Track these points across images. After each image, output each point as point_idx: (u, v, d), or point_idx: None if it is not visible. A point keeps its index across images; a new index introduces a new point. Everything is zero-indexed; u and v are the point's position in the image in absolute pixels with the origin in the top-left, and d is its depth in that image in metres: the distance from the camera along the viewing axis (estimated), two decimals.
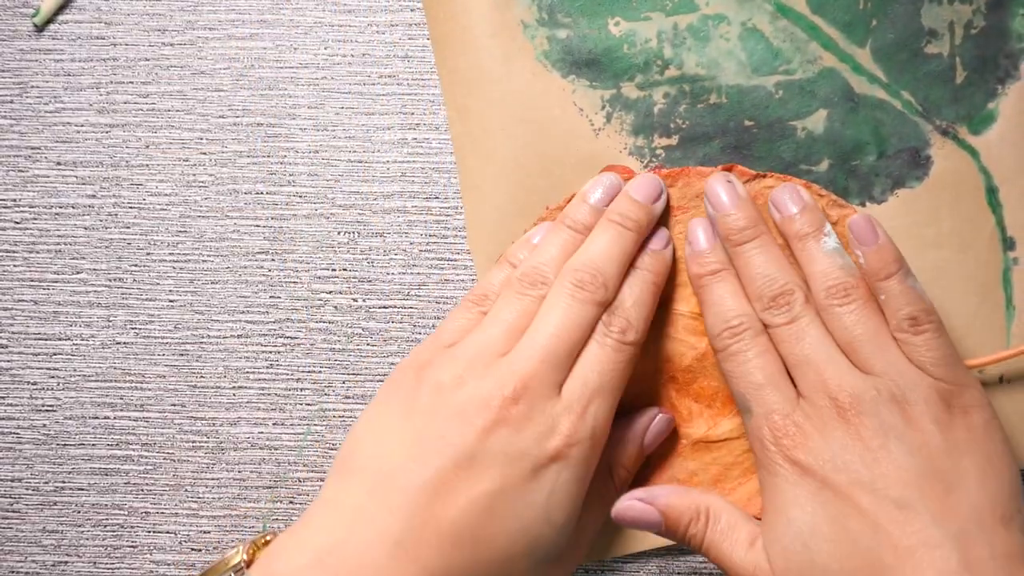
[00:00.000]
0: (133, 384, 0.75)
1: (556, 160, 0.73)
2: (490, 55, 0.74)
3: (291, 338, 0.74)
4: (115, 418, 0.75)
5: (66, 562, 0.75)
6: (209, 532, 0.74)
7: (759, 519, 0.69)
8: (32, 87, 0.75)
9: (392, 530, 0.62)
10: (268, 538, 0.67)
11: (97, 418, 0.75)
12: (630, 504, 0.68)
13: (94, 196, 0.75)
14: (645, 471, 0.73)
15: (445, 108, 0.74)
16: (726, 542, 0.66)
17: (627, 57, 0.73)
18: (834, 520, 0.63)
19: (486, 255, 0.73)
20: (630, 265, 0.69)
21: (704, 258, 0.71)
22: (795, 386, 0.67)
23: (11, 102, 0.75)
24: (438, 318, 0.74)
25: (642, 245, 0.70)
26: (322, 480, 0.74)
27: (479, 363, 0.66)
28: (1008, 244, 0.72)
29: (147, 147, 0.75)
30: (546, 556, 0.65)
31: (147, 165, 0.75)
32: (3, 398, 0.75)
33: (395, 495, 0.62)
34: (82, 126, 0.75)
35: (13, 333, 0.75)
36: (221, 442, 0.74)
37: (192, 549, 0.73)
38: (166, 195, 0.75)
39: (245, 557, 0.66)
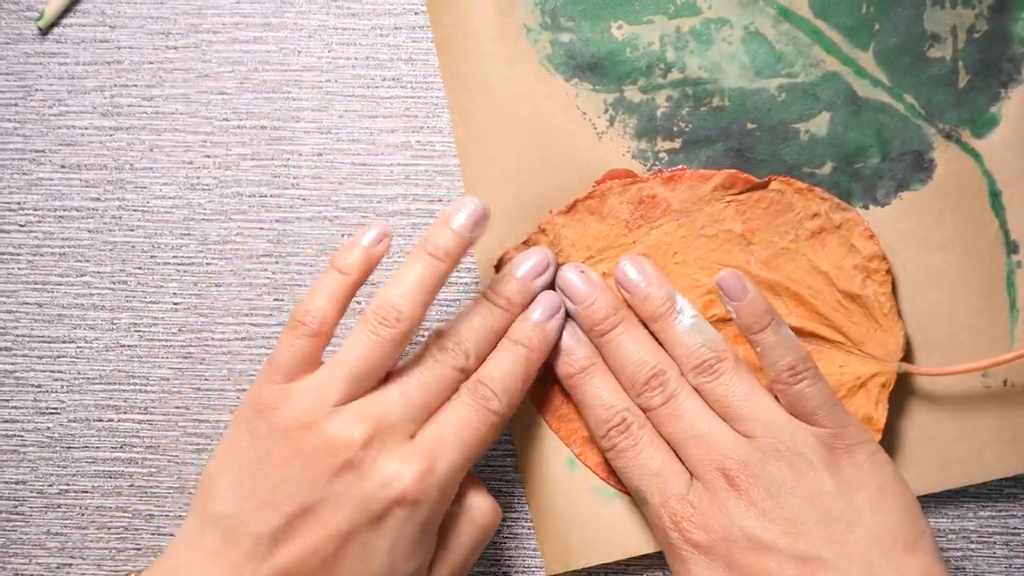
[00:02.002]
0: (137, 387, 0.75)
1: (559, 164, 0.73)
2: (493, 59, 0.74)
3: None
4: (119, 420, 0.75)
5: (70, 564, 0.75)
6: None
7: None
8: (36, 90, 0.75)
9: (242, 572, 0.64)
10: (133, 574, 0.67)
11: (101, 420, 0.75)
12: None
13: (98, 199, 0.75)
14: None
15: (448, 112, 0.74)
16: None
17: (630, 61, 0.73)
18: None
19: (488, 258, 0.73)
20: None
21: (572, 356, 0.71)
22: (685, 465, 0.68)
23: (15, 105, 0.75)
24: (440, 321, 0.74)
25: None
26: None
27: (325, 405, 0.66)
28: (1011, 247, 0.72)
29: (151, 150, 0.75)
30: None
31: (151, 168, 0.75)
32: (7, 401, 0.75)
33: (246, 540, 0.64)
34: (86, 129, 0.75)
35: (17, 336, 0.75)
36: None
37: None
38: (170, 198, 0.75)
39: None
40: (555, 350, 0.71)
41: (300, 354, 0.67)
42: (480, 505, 0.69)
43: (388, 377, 0.68)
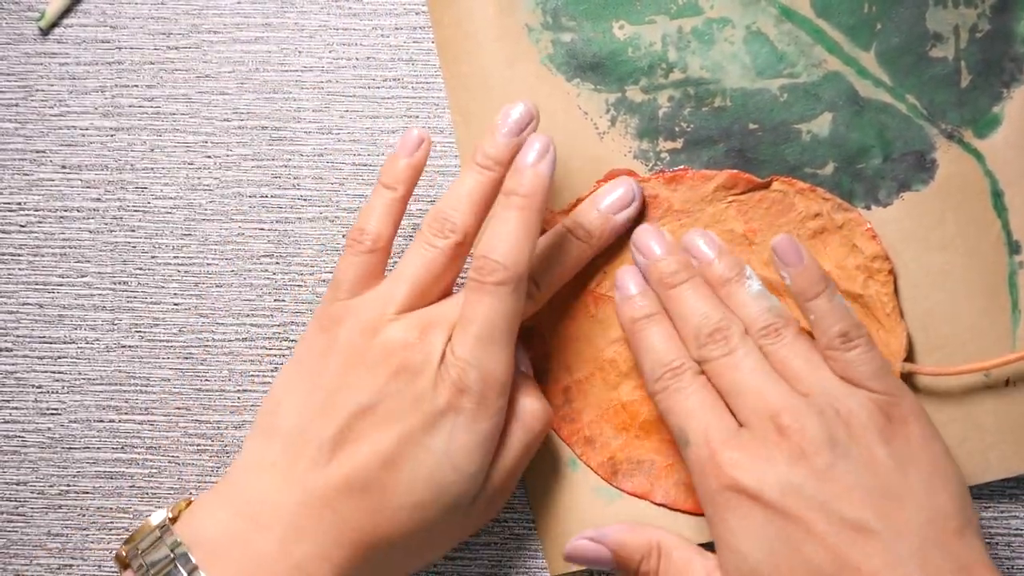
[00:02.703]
0: (138, 387, 0.75)
1: (560, 164, 0.73)
2: (494, 59, 0.74)
3: (295, 341, 0.74)
4: (120, 421, 0.75)
5: (71, 565, 0.74)
6: None
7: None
8: (37, 91, 0.75)
9: (305, 481, 0.65)
10: (190, 499, 0.68)
11: (102, 421, 0.75)
12: (581, 544, 0.69)
13: (99, 199, 0.75)
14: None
15: (449, 112, 0.74)
16: None
17: (631, 60, 0.73)
18: (790, 549, 0.63)
19: None
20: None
21: (636, 302, 0.71)
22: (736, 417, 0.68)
23: (16, 105, 0.75)
24: None
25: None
26: None
27: (387, 311, 0.67)
28: (1014, 248, 0.72)
29: (152, 150, 0.75)
30: (457, 502, 0.66)
31: (152, 168, 0.75)
32: (8, 401, 0.75)
33: (307, 448, 0.65)
34: (87, 130, 0.75)
35: (18, 336, 0.75)
36: (226, 445, 0.74)
37: None
38: (171, 198, 0.75)
39: (170, 515, 0.67)
40: (619, 293, 0.72)
41: (359, 271, 0.68)
42: (530, 408, 0.69)
43: None
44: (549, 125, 0.73)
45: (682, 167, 0.73)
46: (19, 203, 0.75)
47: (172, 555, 0.64)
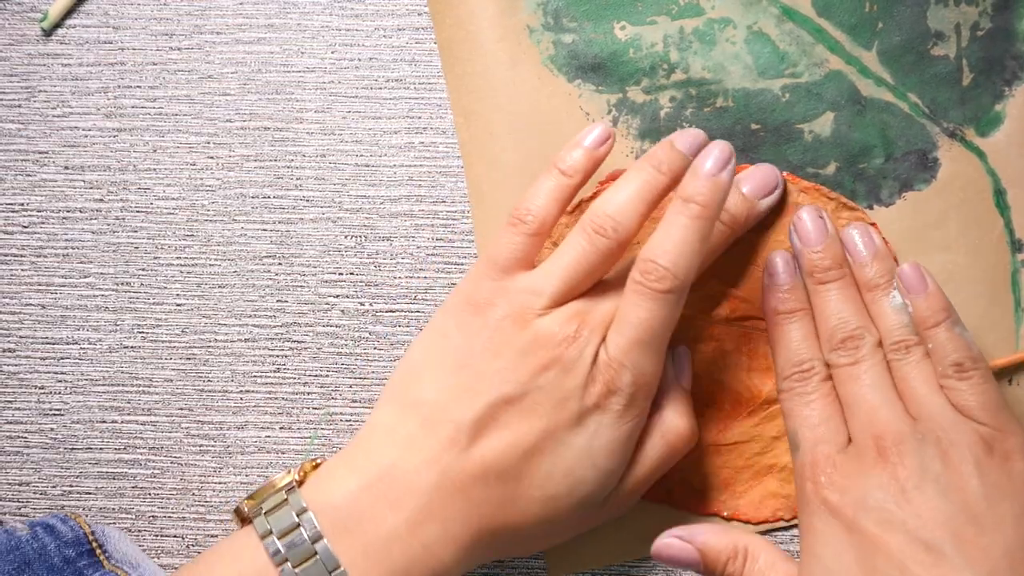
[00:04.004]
0: (140, 388, 0.75)
1: None
2: (496, 60, 0.74)
3: (298, 342, 0.74)
4: (122, 422, 0.75)
5: None
6: (216, 536, 0.74)
7: (772, 521, 0.70)
8: (40, 91, 0.75)
9: (440, 460, 0.65)
10: (318, 462, 0.67)
11: (104, 422, 0.75)
12: (668, 542, 0.68)
13: (101, 200, 0.75)
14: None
15: (452, 113, 0.74)
16: None
17: (633, 61, 0.73)
18: (862, 561, 0.64)
19: None
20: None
21: (784, 294, 0.71)
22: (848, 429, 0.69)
23: (19, 106, 0.75)
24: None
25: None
26: None
27: (539, 302, 0.66)
28: (1016, 246, 0.72)
29: (154, 151, 0.75)
30: (590, 499, 0.66)
31: (154, 169, 0.75)
32: (11, 402, 0.75)
33: (447, 427, 0.65)
34: (89, 130, 0.75)
35: (21, 337, 0.75)
36: (228, 446, 0.74)
37: (199, 553, 0.73)
38: (173, 199, 0.75)
39: (297, 477, 0.67)
40: (768, 278, 0.72)
41: (517, 251, 0.68)
42: (675, 423, 0.69)
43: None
44: (551, 126, 0.73)
45: None
46: (22, 204, 0.75)
47: (297, 520, 0.64)
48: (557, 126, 0.73)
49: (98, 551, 0.67)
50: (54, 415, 0.75)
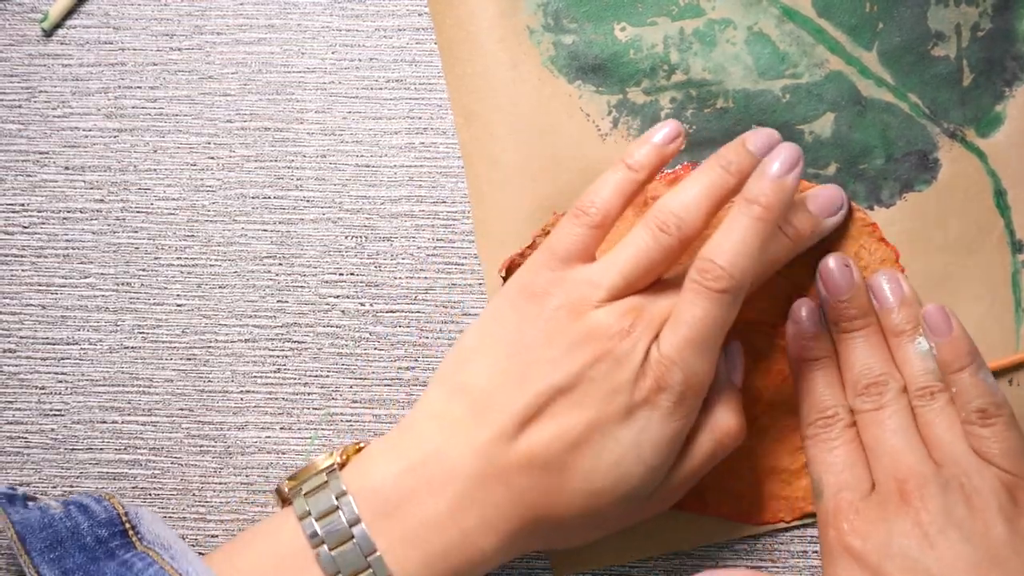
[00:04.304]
0: (141, 388, 0.75)
1: (563, 165, 0.73)
2: (496, 61, 0.74)
3: (298, 342, 0.74)
4: (123, 422, 0.75)
5: None
6: (217, 536, 0.74)
7: (773, 522, 0.72)
8: (40, 92, 0.75)
9: (486, 447, 0.64)
10: (361, 445, 0.67)
11: (105, 422, 0.75)
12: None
13: (102, 200, 0.75)
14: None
15: (452, 113, 0.74)
16: None
17: (633, 62, 0.73)
18: None
19: (495, 262, 0.73)
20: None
21: (809, 342, 0.71)
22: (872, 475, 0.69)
23: (19, 107, 0.75)
24: (446, 322, 0.74)
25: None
26: None
27: (597, 294, 0.66)
28: (1017, 247, 0.72)
29: (155, 151, 0.75)
30: (634, 494, 0.66)
31: (155, 169, 0.75)
32: (11, 403, 0.75)
33: (494, 414, 0.65)
34: (90, 131, 0.75)
35: (21, 338, 0.75)
36: (228, 446, 0.74)
37: (200, 553, 0.73)
38: (174, 199, 0.75)
39: (339, 460, 0.67)
40: (793, 326, 0.72)
41: (578, 242, 0.67)
42: (725, 420, 0.69)
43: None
44: (551, 127, 0.73)
45: (683, 165, 0.73)
46: (22, 204, 0.75)
47: (336, 504, 0.64)
48: (557, 127, 0.73)
49: (130, 532, 0.67)
50: (54, 415, 0.75)
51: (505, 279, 0.73)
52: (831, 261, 0.71)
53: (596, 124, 0.74)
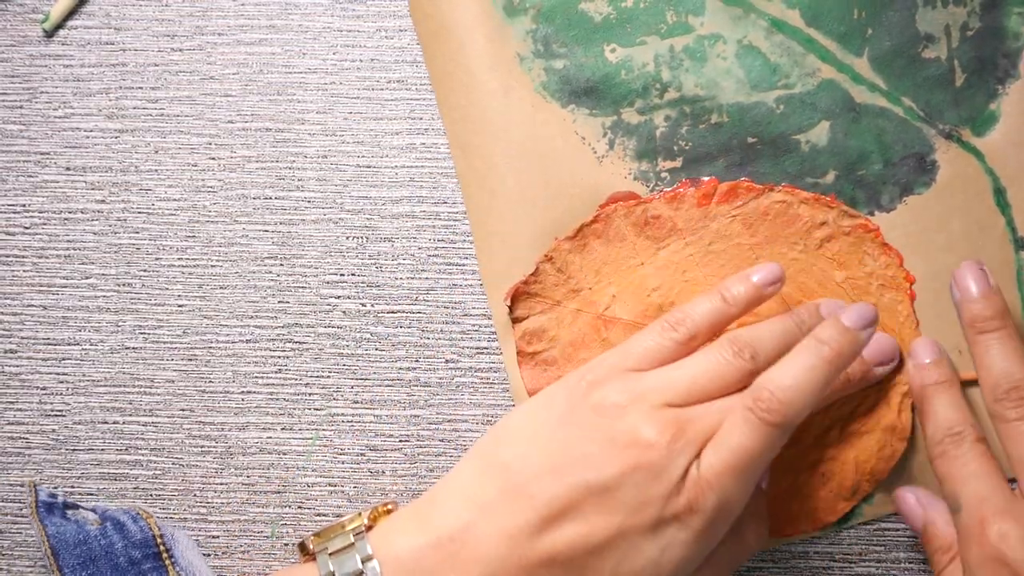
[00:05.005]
0: (142, 389, 0.74)
1: (561, 190, 0.73)
2: (489, 90, 0.74)
3: (299, 343, 0.74)
4: (124, 423, 0.74)
5: None
6: (218, 537, 0.74)
7: (794, 535, 0.72)
8: (41, 92, 0.75)
9: (512, 541, 0.63)
10: (389, 507, 0.67)
11: (106, 423, 0.74)
12: (906, 497, 0.71)
13: (103, 201, 0.75)
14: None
15: (449, 146, 0.74)
16: None
17: (625, 83, 0.74)
18: None
19: (499, 290, 0.74)
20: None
21: (928, 371, 0.71)
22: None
23: (21, 107, 0.75)
24: (446, 323, 0.74)
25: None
26: (331, 485, 0.74)
27: (651, 400, 0.65)
28: (1019, 244, 0.72)
29: (156, 152, 0.75)
30: None
31: (156, 170, 0.75)
32: (12, 403, 0.74)
33: (526, 504, 0.63)
34: (91, 131, 0.75)
35: (22, 338, 0.74)
36: (229, 447, 0.74)
37: (201, 554, 0.73)
38: (175, 200, 0.75)
39: (367, 522, 0.66)
40: (912, 359, 0.72)
41: (656, 353, 0.66)
42: (750, 527, 0.68)
43: None
44: (547, 153, 0.73)
45: (681, 181, 0.73)
46: (23, 205, 0.75)
47: (361, 568, 0.63)
48: (553, 152, 0.74)
49: (164, 555, 0.67)
50: (56, 416, 0.74)
51: (511, 308, 0.73)
52: (964, 265, 0.70)
53: (592, 147, 0.74)
